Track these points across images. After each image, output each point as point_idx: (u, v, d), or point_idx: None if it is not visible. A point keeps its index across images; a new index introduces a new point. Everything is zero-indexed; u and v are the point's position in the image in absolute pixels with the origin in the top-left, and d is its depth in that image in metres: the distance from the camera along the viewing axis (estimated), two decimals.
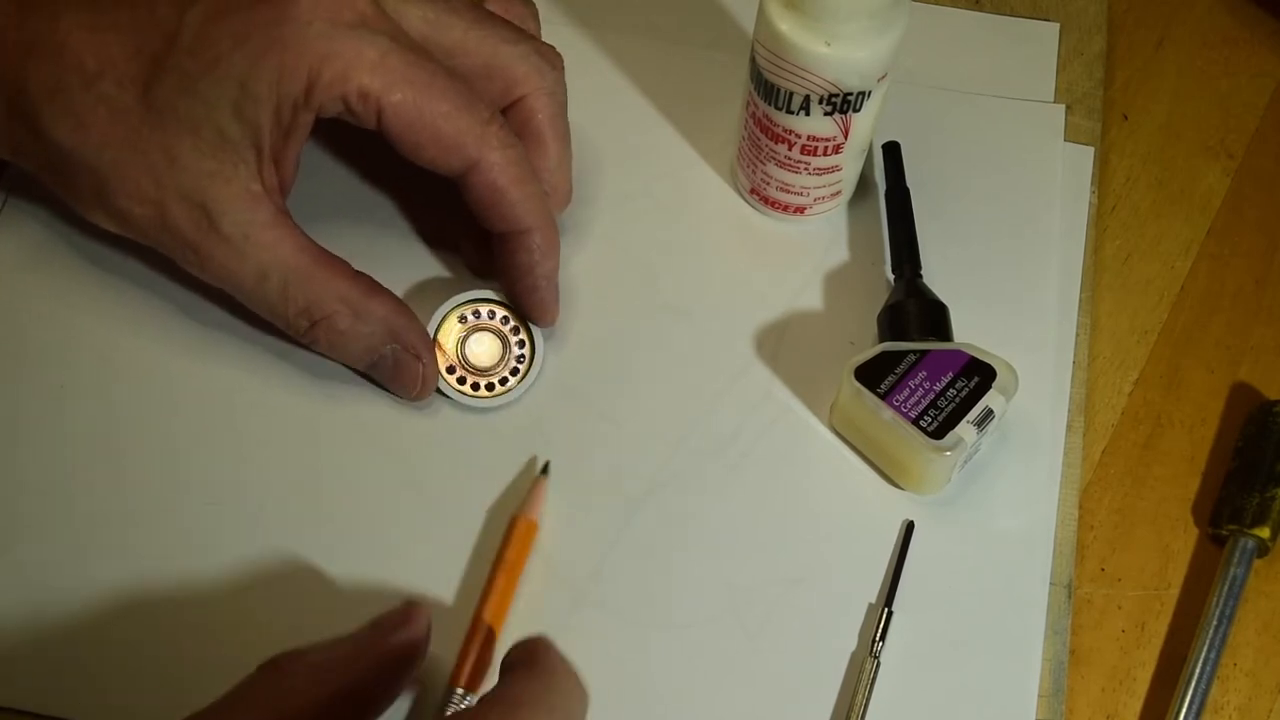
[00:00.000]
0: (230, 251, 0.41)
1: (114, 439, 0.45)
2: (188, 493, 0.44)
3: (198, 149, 0.40)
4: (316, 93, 0.39)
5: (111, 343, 0.46)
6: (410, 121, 0.40)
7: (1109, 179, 0.53)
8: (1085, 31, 0.55)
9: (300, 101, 0.39)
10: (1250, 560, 0.45)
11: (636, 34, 0.53)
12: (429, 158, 0.41)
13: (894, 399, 0.43)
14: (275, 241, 0.41)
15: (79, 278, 0.47)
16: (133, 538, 0.43)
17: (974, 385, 0.43)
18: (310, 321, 0.42)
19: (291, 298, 0.42)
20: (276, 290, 0.42)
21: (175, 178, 0.40)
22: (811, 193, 0.48)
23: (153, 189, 0.40)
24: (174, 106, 0.39)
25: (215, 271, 0.42)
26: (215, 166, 0.40)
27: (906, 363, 0.43)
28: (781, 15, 0.42)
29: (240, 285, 0.42)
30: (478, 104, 0.41)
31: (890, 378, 0.43)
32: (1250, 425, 0.47)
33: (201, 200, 0.40)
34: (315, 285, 0.42)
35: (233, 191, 0.40)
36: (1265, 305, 0.50)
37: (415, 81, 0.39)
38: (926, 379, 0.43)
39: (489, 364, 0.45)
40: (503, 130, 0.41)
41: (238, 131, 0.40)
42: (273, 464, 0.45)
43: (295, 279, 0.41)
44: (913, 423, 0.42)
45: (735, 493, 0.45)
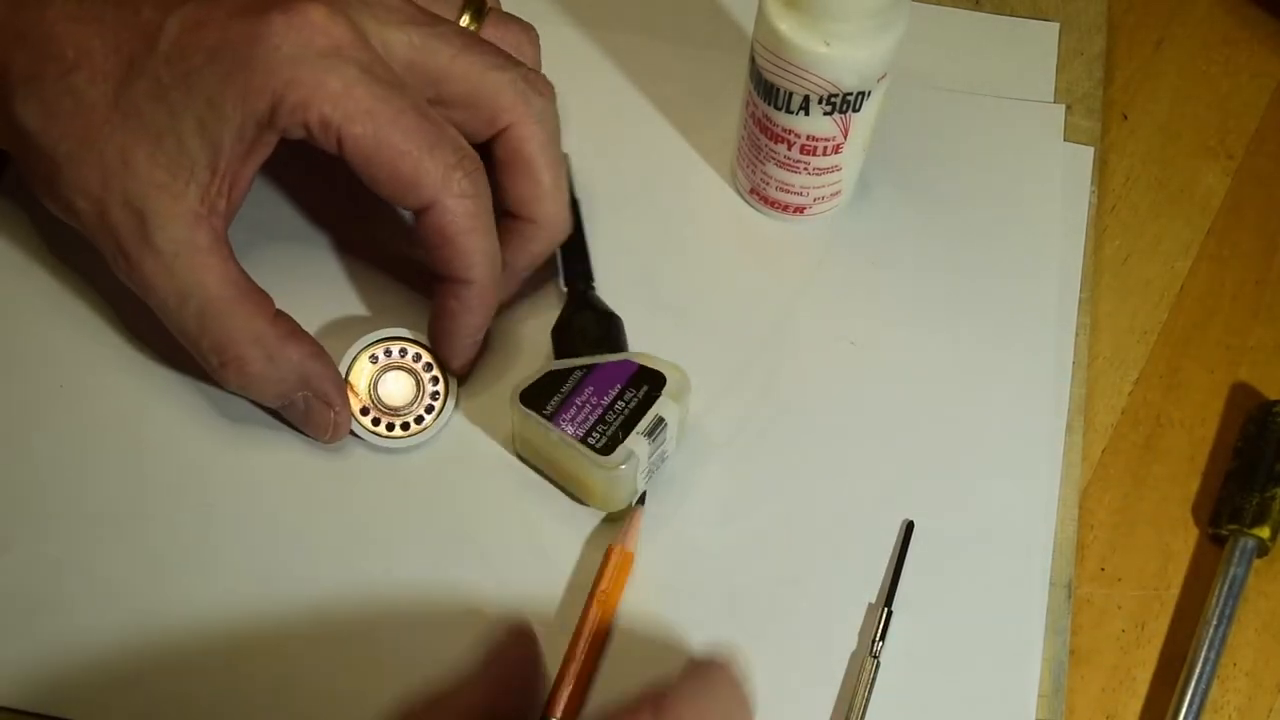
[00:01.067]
0: (158, 266, 0.40)
1: (114, 439, 0.45)
2: (188, 493, 0.44)
3: (153, 158, 0.40)
4: (280, 116, 0.39)
5: (111, 342, 0.46)
6: (369, 155, 0.39)
7: (1109, 179, 0.53)
8: (1085, 31, 0.55)
9: (264, 122, 0.39)
10: (1250, 560, 0.45)
11: (636, 34, 0.54)
12: (386, 193, 0.40)
13: (561, 418, 0.42)
14: (203, 267, 0.40)
15: (79, 277, 0.47)
16: (133, 537, 0.43)
17: (643, 395, 0.42)
18: (220, 360, 0.41)
19: (206, 329, 0.41)
20: (194, 318, 0.41)
21: (123, 181, 0.40)
22: (811, 193, 0.48)
23: (99, 187, 0.40)
24: (140, 111, 0.39)
25: (140, 282, 0.41)
26: (165, 179, 0.40)
27: (573, 380, 0.42)
28: (781, 15, 0.42)
29: (162, 303, 0.41)
30: (444, 145, 0.40)
31: (557, 397, 0.42)
32: (1250, 425, 0.47)
33: (141, 208, 0.40)
34: (231, 321, 0.41)
35: (177, 208, 0.40)
36: (1265, 305, 0.50)
37: (379, 115, 0.39)
38: (594, 394, 0.42)
39: (402, 403, 0.45)
40: (468, 178, 0.41)
41: (198, 147, 0.39)
42: (272, 464, 0.45)
43: (212, 311, 0.41)
44: (581, 440, 0.41)
45: (734, 493, 0.45)
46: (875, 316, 0.48)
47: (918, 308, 0.49)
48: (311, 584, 0.43)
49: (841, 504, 0.45)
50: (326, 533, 0.44)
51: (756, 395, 0.47)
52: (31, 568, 0.43)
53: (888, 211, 0.50)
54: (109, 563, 0.43)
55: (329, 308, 0.47)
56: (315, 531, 0.44)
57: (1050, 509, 0.45)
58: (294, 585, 0.43)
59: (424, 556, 0.44)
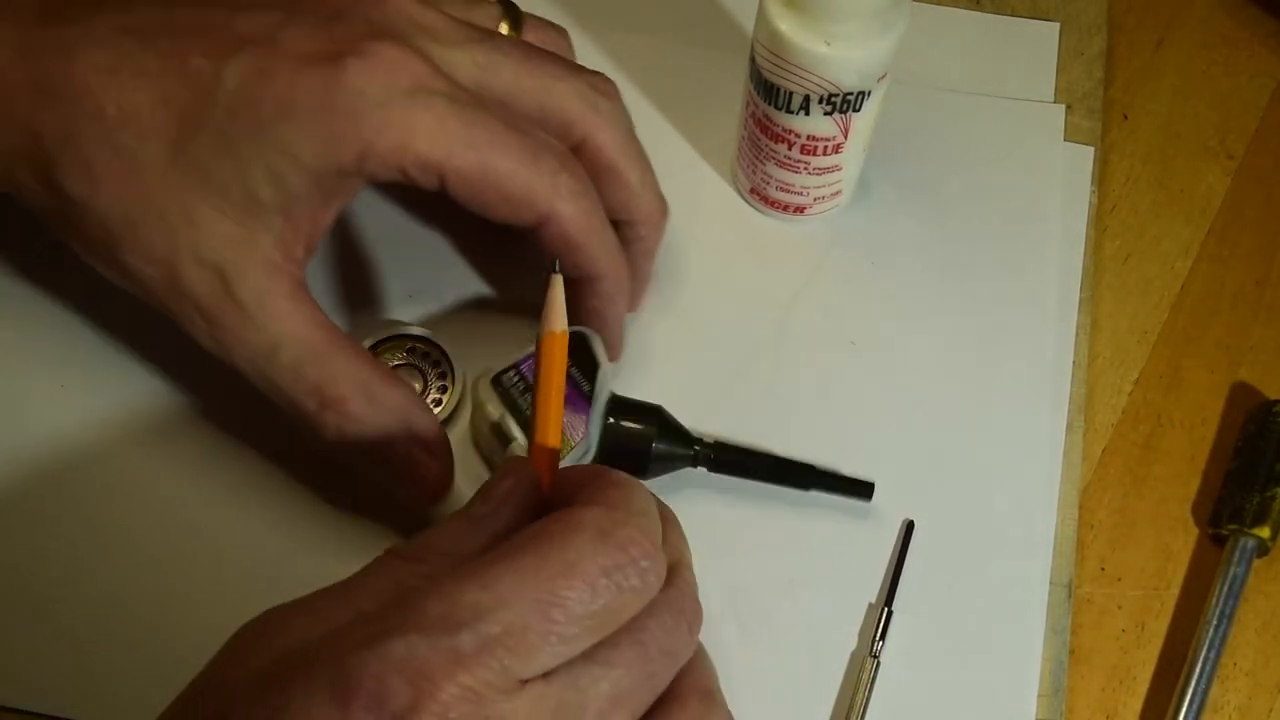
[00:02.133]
0: (244, 320, 0.38)
1: (114, 439, 0.45)
2: (188, 493, 0.44)
3: (220, 211, 0.38)
4: (369, 162, 0.37)
5: (112, 342, 0.46)
6: (476, 184, 0.38)
7: (1109, 179, 0.53)
8: (1085, 31, 0.55)
9: (350, 169, 0.37)
10: (1250, 560, 0.45)
11: (636, 33, 0.54)
12: (499, 216, 0.39)
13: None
14: (291, 313, 0.39)
15: (80, 277, 0.47)
16: (133, 537, 0.43)
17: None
18: (320, 403, 0.39)
19: (303, 375, 0.39)
20: (288, 366, 0.39)
21: (192, 238, 0.38)
22: (811, 192, 0.48)
23: (166, 249, 0.38)
24: (203, 165, 0.37)
25: (224, 339, 0.39)
26: (236, 230, 0.38)
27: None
28: (781, 15, 0.42)
29: (250, 358, 0.39)
30: (544, 154, 0.39)
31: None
32: (1250, 425, 0.47)
33: (218, 263, 0.38)
34: (330, 364, 0.39)
35: (253, 258, 0.38)
36: (1265, 305, 0.50)
37: (477, 143, 0.38)
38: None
39: None
40: (572, 179, 0.40)
41: (270, 196, 0.37)
42: (272, 464, 0.45)
43: (309, 355, 0.39)
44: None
45: (734, 492, 0.45)
46: (875, 316, 0.48)
47: (918, 308, 0.49)
48: (314, 582, 0.43)
49: (841, 504, 0.45)
50: (327, 529, 0.44)
51: (756, 395, 0.47)
52: (31, 568, 0.43)
53: (888, 211, 0.50)
54: (109, 562, 0.43)
55: (337, 303, 0.47)
56: (316, 528, 0.44)
57: (1050, 509, 0.45)
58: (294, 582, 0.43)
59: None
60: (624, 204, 0.43)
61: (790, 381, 0.47)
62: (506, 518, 0.33)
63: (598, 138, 0.42)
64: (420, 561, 0.31)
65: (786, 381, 0.47)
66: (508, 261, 0.48)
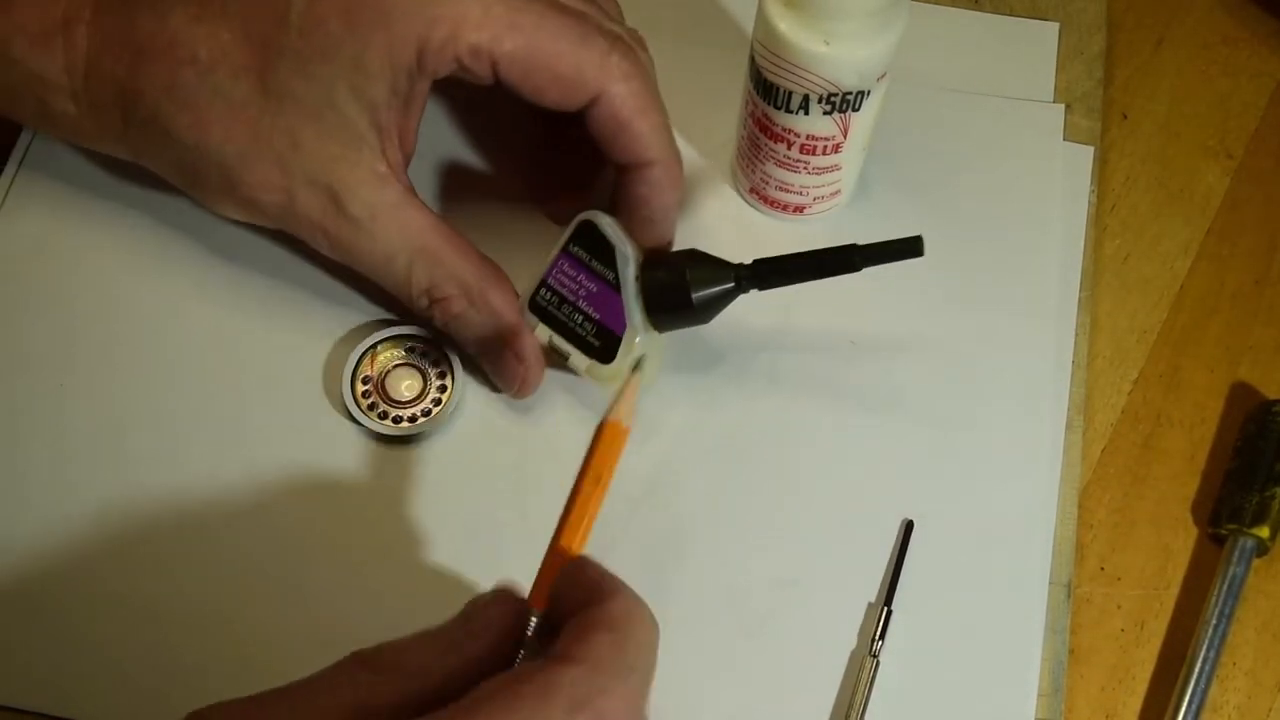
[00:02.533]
0: (358, 233, 0.41)
1: (114, 439, 0.45)
2: (187, 493, 0.44)
3: (321, 132, 0.40)
4: (428, 59, 0.39)
5: (112, 342, 0.46)
6: (526, 68, 0.39)
7: (1108, 178, 0.53)
8: (1085, 31, 0.55)
9: (414, 70, 0.39)
10: (1250, 560, 0.45)
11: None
12: (552, 99, 0.40)
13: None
14: (402, 222, 0.41)
15: (80, 276, 0.47)
16: (133, 537, 0.43)
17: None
18: (430, 301, 0.43)
19: (415, 278, 0.42)
20: (402, 270, 0.42)
21: (301, 163, 0.40)
22: (811, 192, 0.48)
23: (279, 176, 0.41)
24: (292, 91, 0.39)
25: (344, 252, 0.42)
26: (339, 150, 0.40)
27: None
28: (780, 14, 0.42)
29: (369, 265, 0.42)
30: (594, 34, 0.40)
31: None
32: (1250, 425, 0.47)
33: (328, 183, 0.40)
34: (438, 267, 0.42)
35: (359, 174, 0.40)
36: (1265, 305, 0.50)
37: (524, 26, 0.39)
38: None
39: (408, 398, 0.45)
40: (624, 59, 0.40)
41: (357, 111, 0.40)
42: (273, 467, 0.45)
43: (420, 259, 0.42)
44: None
45: (734, 492, 0.45)
46: (875, 316, 0.48)
47: (918, 307, 0.49)
48: (312, 575, 0.43)
49: (841, 504, 0.45)
50: (327, 524, 0.44)
51: (757, 395, 0.47)
52: (33, 568, 0.43)
53: (888, 211, 0.50)
54: (109, 562, 0.43)
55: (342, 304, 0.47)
56: (315, 524, 0.44)
57: (1050, 509, 0.45)
58: (293, 578, 0.43)
59: (423, 545, 0.44)
60: (640, 152, 0.42)
61: (790, 381, 0.47)
62: (485, 645, 0.31)
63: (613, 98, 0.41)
64: (385, 675, 0.30)
65: (786, 381, 0.47)
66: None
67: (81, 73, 0.41)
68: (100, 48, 0.41)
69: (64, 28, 0.41)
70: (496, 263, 0.44)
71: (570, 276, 0.43)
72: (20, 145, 0.49)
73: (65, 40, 0.41)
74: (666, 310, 0.42)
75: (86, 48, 0.41)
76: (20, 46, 0.41)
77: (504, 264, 0.44)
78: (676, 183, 0.43)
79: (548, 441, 0.46)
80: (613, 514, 0.45)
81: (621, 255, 0.42)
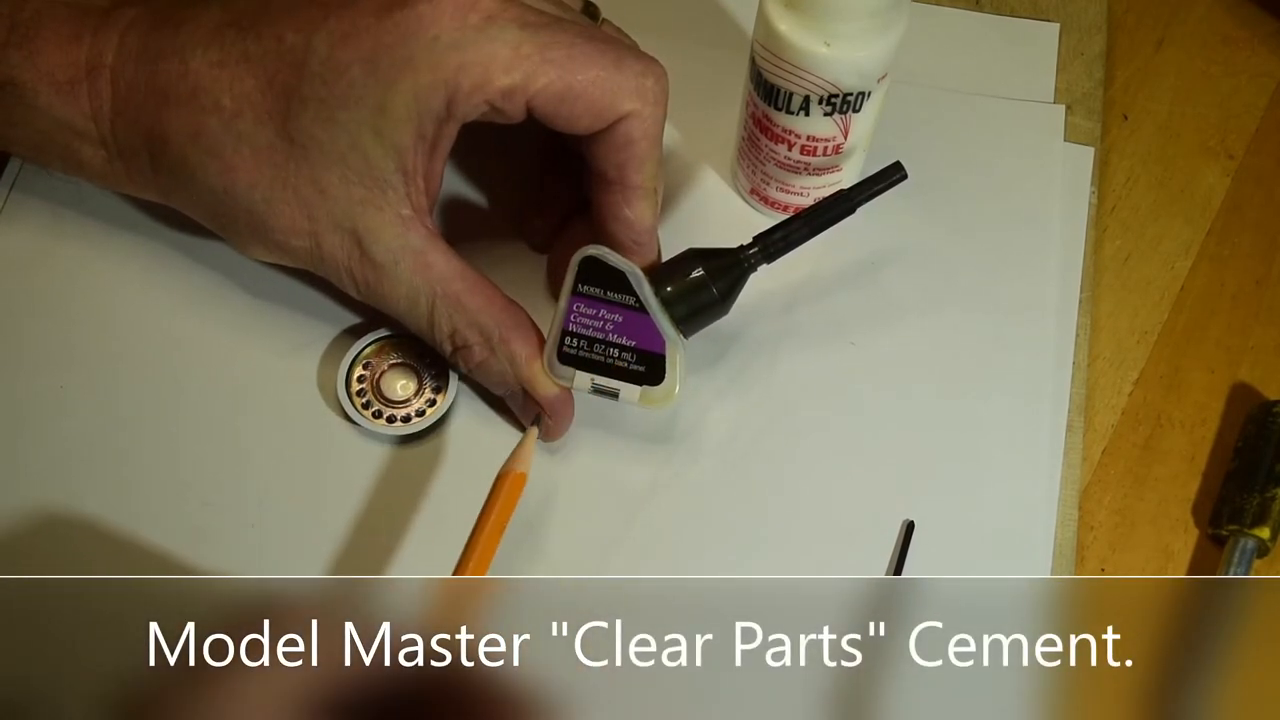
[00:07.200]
0: (383, 278, 0.41)
1: (114, 440, 0.45)
2: (188, 493, 0.44)
3: (345, 177, 0.40)
4: (458, 104, 0.38)
5: (112, 343, 0.46)
6: (560, 102, 0.39)
7: (1109, 179, 0.53)
8: (1085, 31, 0.55)
9: (443, 116, 0.39)
10: (1250, 561, 0.45)
11: (636, 34, 0.53)
12: (584, 126, 0.40)
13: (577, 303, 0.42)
14: (425, 267, 0.41)
15: (80, 277, 0.47)
16: (133, 538, 0.43)
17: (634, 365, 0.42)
18: (451, 347, 0.43)
19: (437, 324, 0.42)
20: (425, 315, 0.42)
21: (327, 208, 0.40)
22: (811, 193, 0.48)
23: (306, 221, 0.40)
24: (315, 138, 0.39)
25: (371, 296, 0.42)
26: (364, 194, 0.40)
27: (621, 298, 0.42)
28: (781, 15, 0.42)
29: (395, 310, 0.42)
30: (626, 57, 0.40)
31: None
32: (1250, 425, 0.47)
33: (353, 228, 0.40)
34: (459, 313, 0.42)
35: (384, 218, 0.40)
36: (1265, 305, 0.50)
37: (556, 59, 0.39)
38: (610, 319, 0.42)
39: (403, 398, 0.45)
40: (657, 85, 0.40)
41: (381, 155, 0.39)
42: (269, 467, 0.45)
43: (441, 305, 0.42)
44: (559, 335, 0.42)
45: (734, 492, 0.45)
46: (875, 316, 0.48)
47: (918, 308, 0.49)
48: (310, 571, 0.43)
49: (841, 504, 0.45)
50: (324, 522, 0.44)
51: (757, 395, 0.47)
52: (32, 568, 0.43)
53: (887, 212, 0.50)
54: (110, 564, 0.43)
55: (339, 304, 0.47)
56: (313, 521, 0.44)
57: (1050, 509, 0.45)
58: (292, 573, 0.43)
59: (422, 543, 0.44)
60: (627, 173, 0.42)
61: (790, 381, 0.47)
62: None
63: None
64: None
65: (786, 381, 0.47)
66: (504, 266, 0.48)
67: (108, 119, 0.41)
68: (125, 94, 0.41)
69: (88, 75, 0.41)
70: (522, 306, 0.43)
71: (590, 315, 0.42)
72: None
73: (90, 87, 0.41)
74: (694, 312, 0.42)
75: (111, 94, 0.41)
76: (46, 95, 0.41)
77: (525, 301, 0.44)
78: (656, 208, 0.43)
79: (543, 440, 0.46)
80: (613, 516, 0.45)
81: (634, 277, 0.42)
